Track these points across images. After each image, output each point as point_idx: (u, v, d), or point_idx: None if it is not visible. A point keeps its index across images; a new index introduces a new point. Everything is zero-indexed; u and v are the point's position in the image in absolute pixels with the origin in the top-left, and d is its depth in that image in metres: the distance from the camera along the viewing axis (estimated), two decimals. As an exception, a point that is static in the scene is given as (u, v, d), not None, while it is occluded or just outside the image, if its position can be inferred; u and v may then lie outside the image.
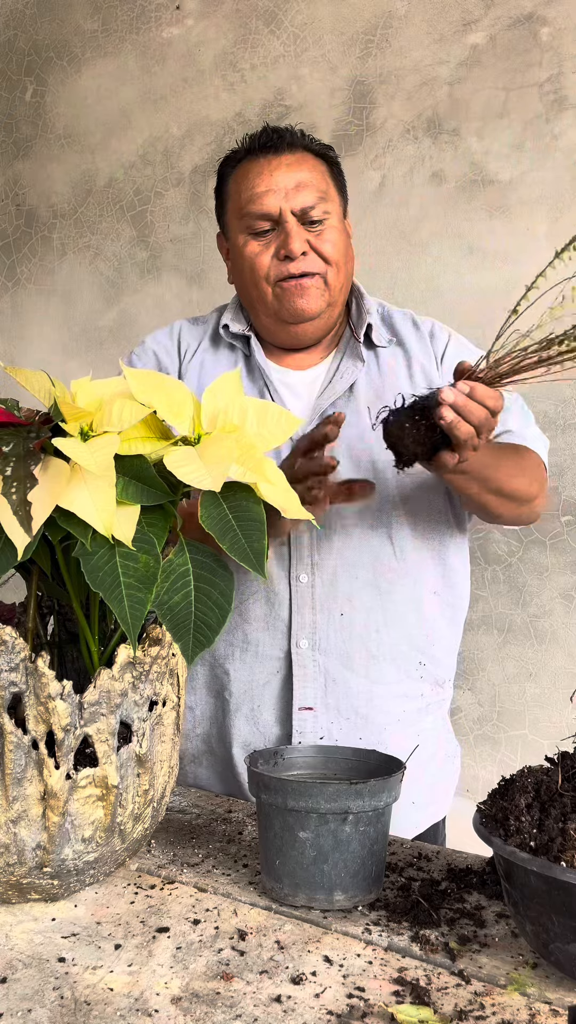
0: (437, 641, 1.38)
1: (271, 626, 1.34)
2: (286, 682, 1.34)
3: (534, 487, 1.32)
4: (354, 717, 1.33)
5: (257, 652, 1.35)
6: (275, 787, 0.91)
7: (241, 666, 1.35)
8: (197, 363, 1.44)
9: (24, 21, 3.02)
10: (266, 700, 1.34)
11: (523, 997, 0.76)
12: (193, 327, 1.49)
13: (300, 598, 1.33)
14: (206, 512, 0.88)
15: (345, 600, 1.33)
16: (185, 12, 2.71)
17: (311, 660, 1.32)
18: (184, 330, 1.49)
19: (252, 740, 1.35)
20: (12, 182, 3.06)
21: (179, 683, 0.98)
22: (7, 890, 0.90)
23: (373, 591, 1.33)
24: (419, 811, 1.37)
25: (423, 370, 1.40)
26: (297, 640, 1.32)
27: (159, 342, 1.48)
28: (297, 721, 1.32)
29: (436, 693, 1.39)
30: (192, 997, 0.76)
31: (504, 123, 2.23)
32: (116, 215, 2.84)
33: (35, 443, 0.87)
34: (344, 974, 0.80)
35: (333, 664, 1.33)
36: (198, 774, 1.42)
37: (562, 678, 2.16)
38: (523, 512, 1.34)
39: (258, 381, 1.40)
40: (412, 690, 1.36)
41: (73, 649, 1.01)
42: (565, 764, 0.86)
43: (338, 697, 1.33)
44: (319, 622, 1.32)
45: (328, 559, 1.33)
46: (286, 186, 1.32)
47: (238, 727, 1.36)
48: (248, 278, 1.37)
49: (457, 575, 1.41)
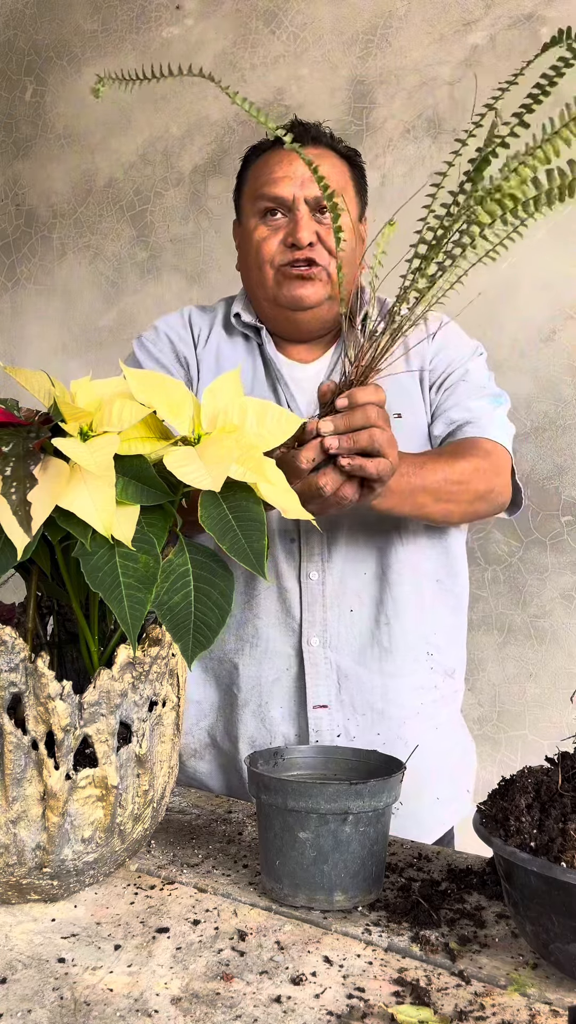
0: (440, 630, 1.38)
1: (282, 623, 1.34)
2: (298, 680, 1.34)
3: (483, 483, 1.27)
4: (370, 713, 1.33)
5: (267, 648, 1.35)
6: (275, 787, 0.91)
7: (251, 661, 1.35)
8: (213, 348, 1.44)
9: (24, 21, 3.02)
10: (275, 697, 1.34)
11: (523, 997, 0.76)
12: (202, 313, 1.49)
13: (310, 595, 1.33)
14: (206, 512, 0.87)
15: (354, 596, 1.33)
16: (185, 12, 2.71)
17: (323, 657, 1.33)
18: (195, 315, 1.49)
19: (259, 736, 1.35)
20: (12, 182, 3.06)
21: (179, 683, 0.97)
22: (7, 891, 0.90)
23: (380, 584, 1.34)
24: (443, 807, 1.37)
25: (419, 354, 1.41)
26: (308, 638, 1.33)
27: (172, 327, 1.47)
28: (313, 719, 1.32)
29: (448, 684, 1.39)
30: (192, 998, 0.76)
31: (504, 123, 2.23)
32: (116, 215, 2.84)
33: (35, 443, 0.87)
34: (344, 974, 0.80)
35: (345, 660, 1.33)
36: (197, 768, 1.41)
37: (562, 678, 2.16)
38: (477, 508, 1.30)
39: (271, 373, 1.41)
40: (426, 682, 1.36)
41: (73, 649, 1.01)
42: (565, 764, 0.86)
43: (352, 693, 1.33)
44: (329, 619, 1.33)
45: (336, 556, 1.33)
46: (303, 175, 1.33)
47: (245, 722, 1.36)
48: (252, 261, 1.37)
49: (457, 563, 1.41)
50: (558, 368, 2.17)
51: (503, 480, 1.33)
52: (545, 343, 2.18)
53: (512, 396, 1.49)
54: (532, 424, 2.16)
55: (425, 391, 1.40)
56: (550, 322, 2.17)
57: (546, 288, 2.18)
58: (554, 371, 2.17)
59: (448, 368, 1.40)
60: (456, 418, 1.36)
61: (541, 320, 2.18)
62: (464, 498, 1.26)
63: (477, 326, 2.23)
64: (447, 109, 2.29)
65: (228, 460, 0.86)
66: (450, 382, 1.39)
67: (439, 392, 1.39)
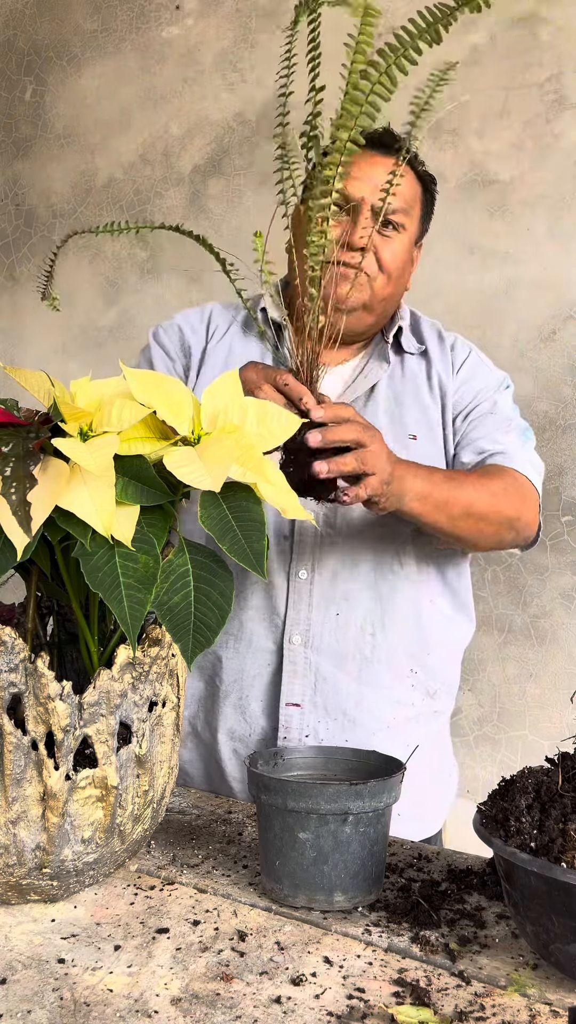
0: (433, 651, 1.37)
1: (266, 619, 1.34)
2: (276, 676, 1.34)
3: (512, 508, 1.29)
4: (341, 718, 1.33)
5: (251, 643, 1.35)
6: (275, 788, 0.91)
7: (234, 655, 1.36)
8: (225, 345, 1.43)
9: (24, 21, 3.02)
10: (255, 691, 1.35)
11: (523, 998, 0.76)
12: (225, 310, 1.49)
13: (297, 594, 1.33)
14: (206, 512, 0.87)
15: (342, 600, 1.33)
16: (185, 12, 2.71)
17: (302, 657, 1.33)
18: (216, 312, 1.48)
19: (238, 728, 1.36)
20: (12, 182, 3.06)
21: (179, 684, 0.97)
22: (6, 891, 0.90)
23: (372, 593, 1.33)
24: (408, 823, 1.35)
25: (439, 379, 1.41)
26: (290, 635, 1.33)
27: (188, 320, 1.47)
28: (283, 716, 1.32)
29: (427, 704, 1.38)
30: (192, 998, 0.76)
31: (504, 123, 2.23)
32: (116, 215, 2.84)
33: (35, 443, 0.87)
34: (344, 975, 0.79)
35: (324, 663, 1.33)
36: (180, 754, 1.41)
37: (562, 679, 2.16)
38: (504, 534, 1.31)
39: None
40: (404, 698, 1.36)
41: (73, 650, 1.01)
42: (565, 765, 0.86)
43: (326, 696, 1.33)
44: (313, 619, 1.33)
45: (330, 558, 1.33)
46: (378, 182, 1.31)
47: (225, 714, 1.36)
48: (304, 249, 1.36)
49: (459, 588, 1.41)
50: (558, 368, 2.17)
51: (532, 514, 1.33)
52: (545, 343, 2.18)
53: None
54: (532, 424, 2.14)
55: (448, 418, 1.39)
56: (550, 322, 2.17)
57: (546, 288, 2.18)
58: (554, 371, 2.17)
59: (475, 400, 1.40)
60: (487, 448, 1.35)
61: (541, 320, 2.18)
62: (495, 519, 1.27)
63: (477, 326, 2.23)
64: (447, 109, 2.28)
65: (228, 460, 0.86)
66: (477, 413, 1.39)
67: (464, 421, 1.39)
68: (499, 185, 2.24)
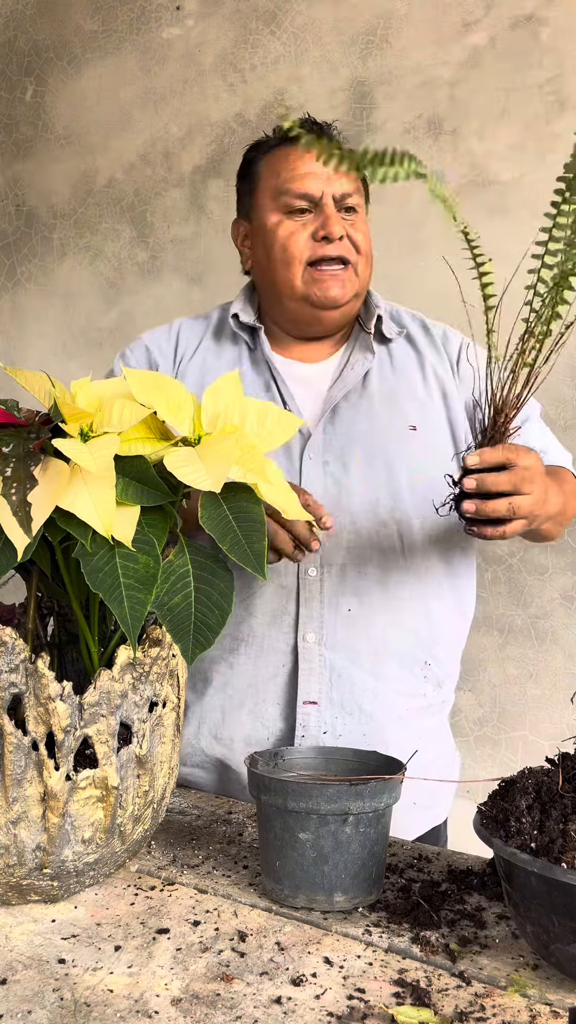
0: (441, 641, 1.38)
1: (278, 620, 1.34)
2: (292, 676, 1.34)
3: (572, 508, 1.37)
4: (358, 713, 1.33)
5: (263, 646, 1.35)
6: (275, 788, 0.91)
7: (247, 660, 1.35)
8: (198, 361, 1.44)
9: (24, 21, 3.02)
10: (271, 694, 1.34)
11: (524, 998, 0.76)
12: (195, 324, 1.49)
13: (308, 592, 1.33)
14: (206, 513, 0.87)
15: (352, 595, 1.33)
16: (185, 12, 2.71)
17: (317, 654, 1.33)
18: (184, 328, 1.48)
19: (255, 734, 1.35)
20: (12, 182, 3.06)
21: (179, 684, 0.97)
22: (7, 891, 0.90)
23: (381, 588, 1.34)
24: (421, 812, 1.37)
25: (436, 375, 1.41)
26: (304, 634, 1.33)
27: (155, 339, 1.48)
28: (301, 715, 1.32)
29: (436, 694, 1.40)
30: (192, 998, 0.76)
31: (504, 124, 2.23)
32: (116, 215, 2.84)
33: (35, 444, 0.87)
34: (344, 975, 0.79)
35: (339, 659, 1.33)
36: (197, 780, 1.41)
37: (562, 679, 2.16)
38: (560, 530, 1.40)
39: (264, 373, 1.40)
40: (416, 689, 1.37)
41: (73, 650, 1.01)
42: (565, 765, 0.86)
43: (343, 692, 1.33)
44: (326, 616, 1.33)
45: (337, 555, 1.33)
46: (327, 172, 1.34)
47: (241, 722, 1.36)
48: (279, 257, 1.37)
49: (463, 578, 1.41)
50: (558, 368, 2.16)
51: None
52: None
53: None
54: (532, 424, 2.16)
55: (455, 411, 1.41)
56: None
57: (546, 288, 2.18)
58: (554, 371, 2.17)
59: None
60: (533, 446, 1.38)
61: (541, 320, 2.18)
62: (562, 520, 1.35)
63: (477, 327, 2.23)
64: (447, 110, 2.29)
65: (228, 461, 0.86)
66: None
67: None
68: (499, 186, 2.24)
